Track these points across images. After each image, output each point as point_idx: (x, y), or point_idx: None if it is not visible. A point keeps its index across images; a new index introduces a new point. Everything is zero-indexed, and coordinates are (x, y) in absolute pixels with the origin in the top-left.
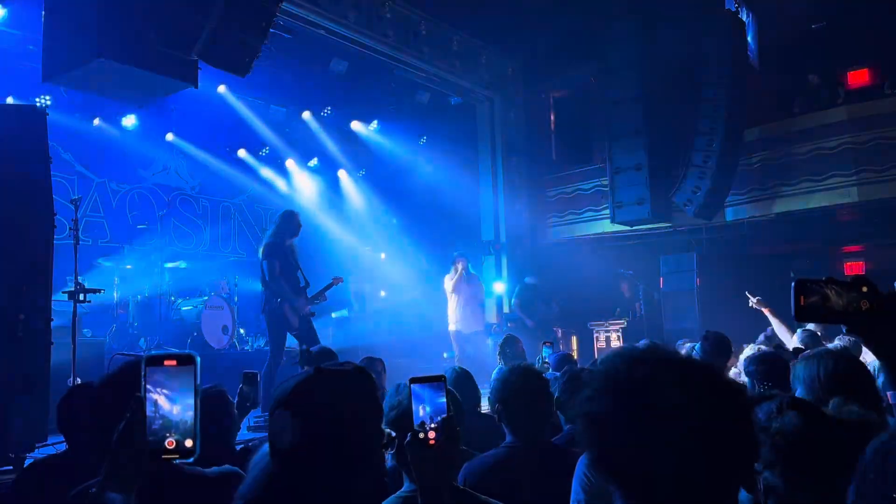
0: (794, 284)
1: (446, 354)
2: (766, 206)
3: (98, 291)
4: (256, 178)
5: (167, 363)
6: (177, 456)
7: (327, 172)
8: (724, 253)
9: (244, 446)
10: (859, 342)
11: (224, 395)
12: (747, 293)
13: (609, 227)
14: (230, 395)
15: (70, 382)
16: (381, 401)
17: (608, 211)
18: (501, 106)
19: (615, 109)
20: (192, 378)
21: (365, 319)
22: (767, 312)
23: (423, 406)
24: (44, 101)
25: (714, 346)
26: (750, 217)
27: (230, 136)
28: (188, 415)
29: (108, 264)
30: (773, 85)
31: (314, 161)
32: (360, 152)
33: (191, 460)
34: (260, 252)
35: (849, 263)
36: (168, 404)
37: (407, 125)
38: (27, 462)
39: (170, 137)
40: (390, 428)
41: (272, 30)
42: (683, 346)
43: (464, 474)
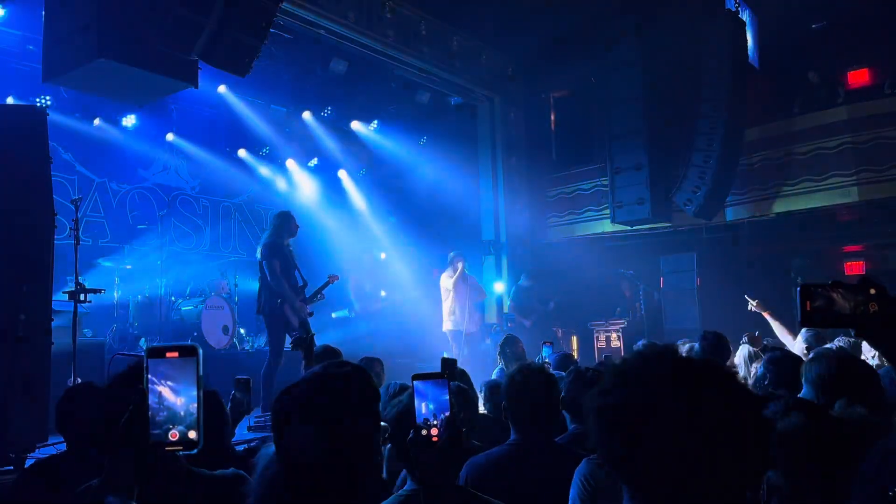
0: (799, 289)
1: (446, 354)
2: (766, 206)
3: (98, 291)
4: (256, 178)
5: (169, 355)
6: (180, 448)
7: (327, 172)
8: (725, 253)
9: (246, 447)
10: (859, 343)
11: (215, 396)
12: (746, 296)
13: (609, 227)
14: (223, 397)
15: (70, 382)
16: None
17: (608, 211)
18: (501, 106)
19: (615, 109)
20: (195, 370)
21: (365, 319)
22: (767, 315)
23: (426, 403)
24: (44, 101)
25: (712, 346)
26: (750, 217)
27: (230, 136)
28: (192, 407)
29: (109, 264)
30: (773, 85)
31: (314, 161)
32: (360, 152)
33: (194, 451)
34: (259, 252)
35: (849, 263)
36: (172, 396)
37: (407, 125)
38: (28, 462)
39: (170, 137)
40: (391, 426)
41: (272, 30)
42: (683, 346)
43: (466, 472)
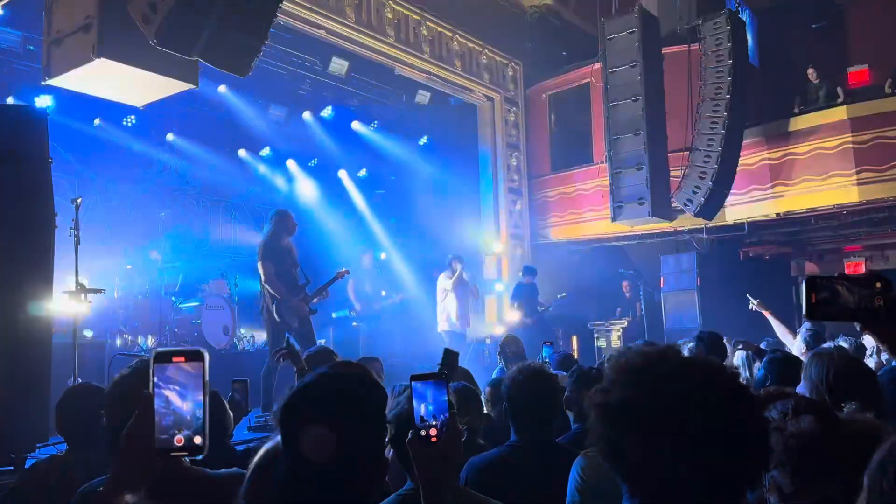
0: (805, 281)
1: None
2: (766, 206)
3: (99, 291)
4: (257, 178)
5: (176, 360)
6: (186, 453)
7: (327, 172)
8: (725, 253)
9: (245, 447)
10: (861, 343)
11: (216, 396)
12: (748, 296)
13: (609, 227)
14: (223, 397)
15: (70, 383)
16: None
17: (609, 211)
18: (501, 106)
19: (615, 109)
20: (201, 375)
21: (365, 319)
22: (768, 315)
23: (425, 404)
24: (44, 102)
25: (708, 347)
26: (750, 217)
27: (230, 136)
28: (198, 412)
29: (109, 264)
30: (773, 85)
31: (314, 161)
32: (360, 152)
33: (200, 457)
34: (257, 254)
35: (849, 263)
36: (178, 400)
37: (407, 125)
38: (28, 462)
39: (170, 137)
40: (392, 425)
41: (272, 30)
42: (683, 347)
43: (466, 472)
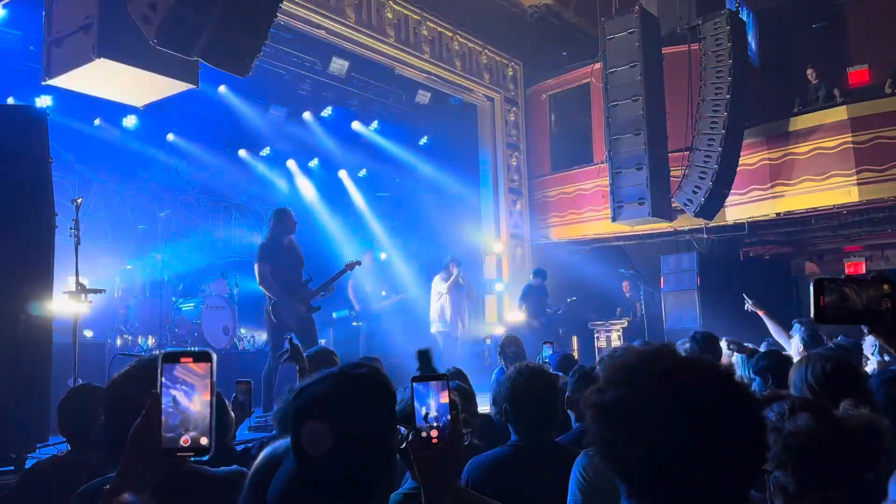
0: (813, 284)
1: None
2: (767, 206)
3: (99, 292)
4: (257, 179)
5: (184, 360)
6: (192, 454)
7: (327, 172)
8: (725, 253)
9: (245, 447)
10: (859, 343)
11: (217, 396)
12: (744, 296)
13: (609, 227)
14: (225, 398)
15: (71, 383)
16: None
17: (609, 211)
18: (501, 106)
19: (615, 109)
20: (209, 376)
21: (365, 319)
22: (763, 315)
23: (426, 405)
24: (44, 102)
25: (702, 346)
26: (750, 217)
27: (231, 136)
28: (205, 413)
29: (109, 264)
30: (773, 85)
31: (314, 161)
32: (360, 152)
33: (205, 458)
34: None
35: (849, 263)
36: (185, 401)
37: (407, 125)
38: (28, 462)
39: (170, 137)
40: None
41: (272, 30)
42: (683, 347)
43: (467, 472)
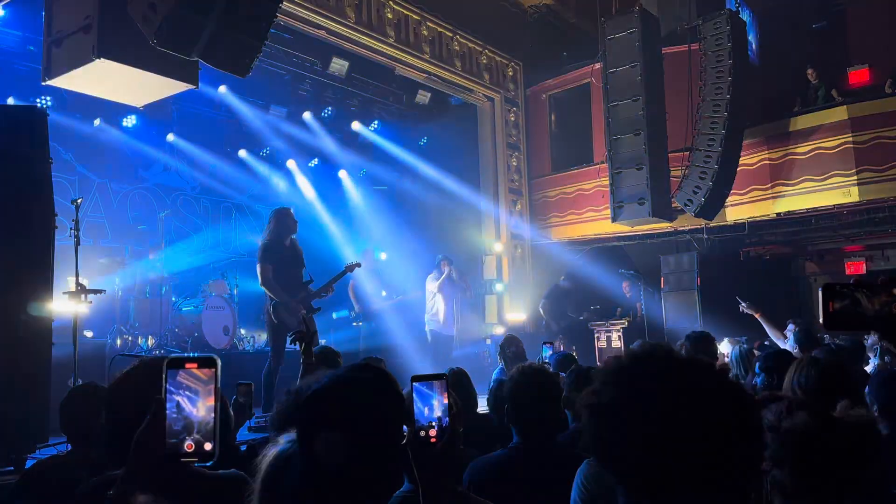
0: (822, 289)
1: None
2: (767, 206)
3: (99, 292)
4: (257, 179)
5: (188, 366)
6: (196, 458)
7: (327, 172)
8: (725, 253)
9: (250, 445)
10: (858, 342)
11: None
12: (738, 298)
13: (609, 227)
14: (227, 398)
15: (71, 383)
16: None
17: (609, 211)
18: (501, 106)
19: (615, 109)
20: (213, 381)
21: (365, 319)
22: (759, 317)
23: (425, 405)
24: (44, 102)
25: (696, 346)
26: (750, 217)
27: (231, 137)
28: (209, 417)
29: (109, 265)
30: (773, 85)
31: (314, 161)
32: (361, 152)
33: (209, 463)
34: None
35: (849, 263)
36: (190, 406)
37: (407, 125)
38: (28, 463)
39: (170, 137)
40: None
41: (272, 30)
42: (683, 347)
43: (469, 475)
